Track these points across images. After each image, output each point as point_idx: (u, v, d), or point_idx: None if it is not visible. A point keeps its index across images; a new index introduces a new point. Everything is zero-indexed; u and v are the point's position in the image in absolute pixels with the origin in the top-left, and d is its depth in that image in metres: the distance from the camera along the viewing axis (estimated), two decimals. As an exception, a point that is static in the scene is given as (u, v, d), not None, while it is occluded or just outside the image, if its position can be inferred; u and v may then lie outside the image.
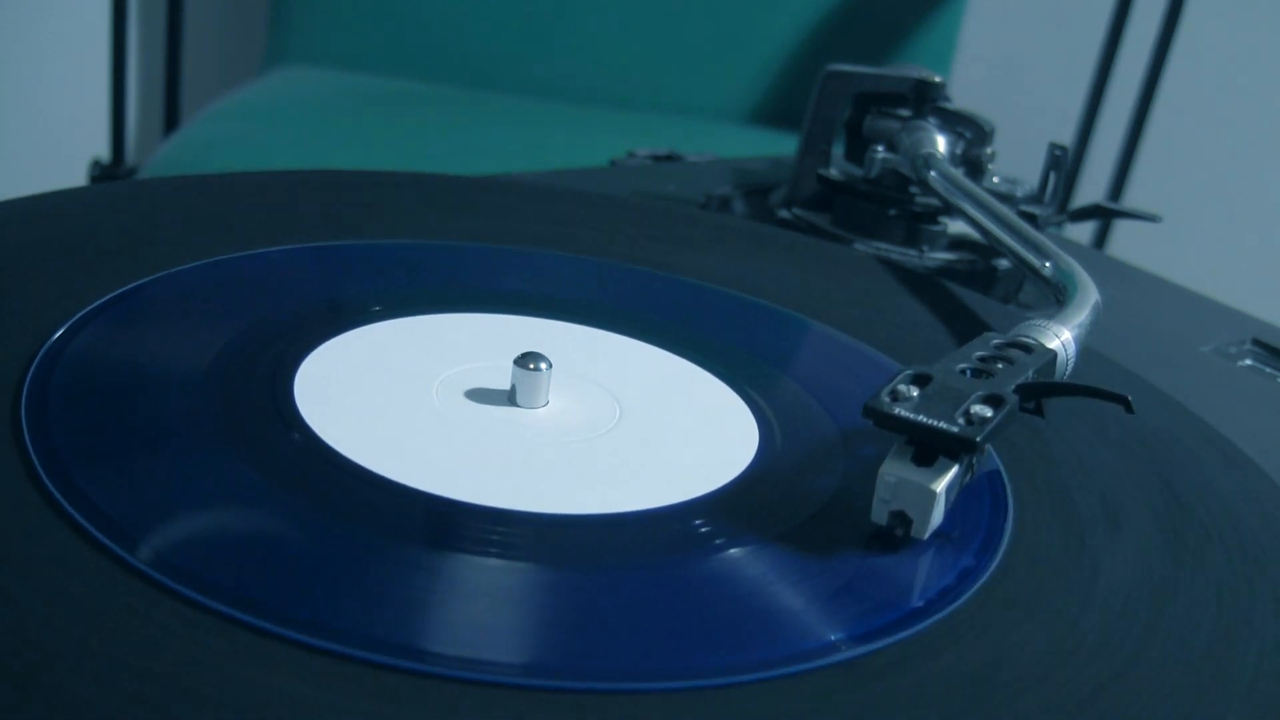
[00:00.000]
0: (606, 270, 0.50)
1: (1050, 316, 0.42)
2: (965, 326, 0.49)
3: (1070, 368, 0.41)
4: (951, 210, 0.56)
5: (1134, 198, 1.34)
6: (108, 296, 0.40)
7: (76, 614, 0.26)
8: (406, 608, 0.28)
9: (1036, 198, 0.62)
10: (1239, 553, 0.36)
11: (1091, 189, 1.37)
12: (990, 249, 0.59)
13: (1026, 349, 0.39)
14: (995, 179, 0.61)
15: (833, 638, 0.29)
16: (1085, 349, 0.43)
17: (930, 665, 0.29)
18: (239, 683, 0.25)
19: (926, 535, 0.33)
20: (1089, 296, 0.44)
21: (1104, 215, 0.71)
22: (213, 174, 0.54)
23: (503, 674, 0.27)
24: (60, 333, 0.37)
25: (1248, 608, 0.33)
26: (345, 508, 0.32)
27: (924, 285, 0.53)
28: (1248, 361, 0.57)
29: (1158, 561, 0.35)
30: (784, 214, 0.63)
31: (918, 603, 0.31)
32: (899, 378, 0.34)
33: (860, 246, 0.59)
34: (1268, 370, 0.56)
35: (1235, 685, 0.30)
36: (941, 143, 0.59)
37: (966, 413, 0.33)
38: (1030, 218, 0.59)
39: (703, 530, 0.33)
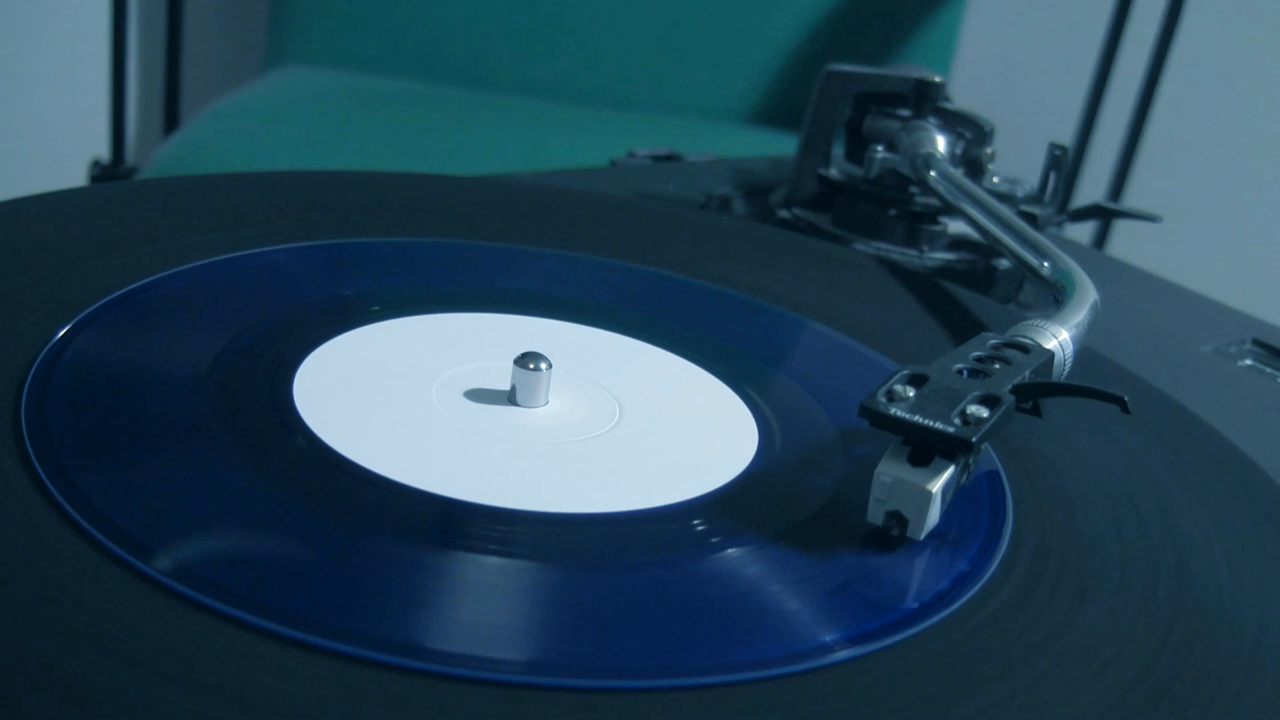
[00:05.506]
0: (606, 270, 0.50)
1: (1048, 317, 0.42)
2: (964, 326, 0.49)
3: (1068, 368, 0.41)
4: (951, 210, 0.56)
5: (1134, 198, 1.34)
6: (108, 297, 0.40)
7: (76, 613, 0.26)
8: (405, 606, 0.29)
9: (1036, 198, 0.62)
10: (1239, 554, 0.36)
11: (1091, 189, 1.37)
12: (990, 249, 0.59)
13: (1023, 349, 0.39)
14: (995, 179, 0.61)
15: (829, 638, 0.29)
16: (1084, 349, 0.43)
17: (927, 667, 0.29)
18: (240, 681, 0.25)
19: (922, 536, 0.33)
20: (1087, 297, 0.44)
21: (1104, 215, 0.71)
22: (213, 174, 0.54)
23: (501, 672, 0.27)
24: (61, 334, 0.37)
25: (1249, 608, 0.33)
26: (345, 507, 0.32)
27: (923, 285, 0.53)
28: (1248, 361, 0.57)
29: (1158, 563, 0.35)
30: (784, 214, 0.63)
31: (914, 604, 0.31)
32: (895, 378, 0.34)
33: (860, 246, 0.59)
34: (1268, 370, 0.56)
35: (1239, 684, 0.30)
36: (941, 143, 0.59)
37: (963, 413, 0.33)
38: (1030, 218, 0.59)
39: (701, 530, 0.33)
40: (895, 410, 0.33)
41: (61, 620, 0.26)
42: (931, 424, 0.32)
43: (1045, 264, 0.49)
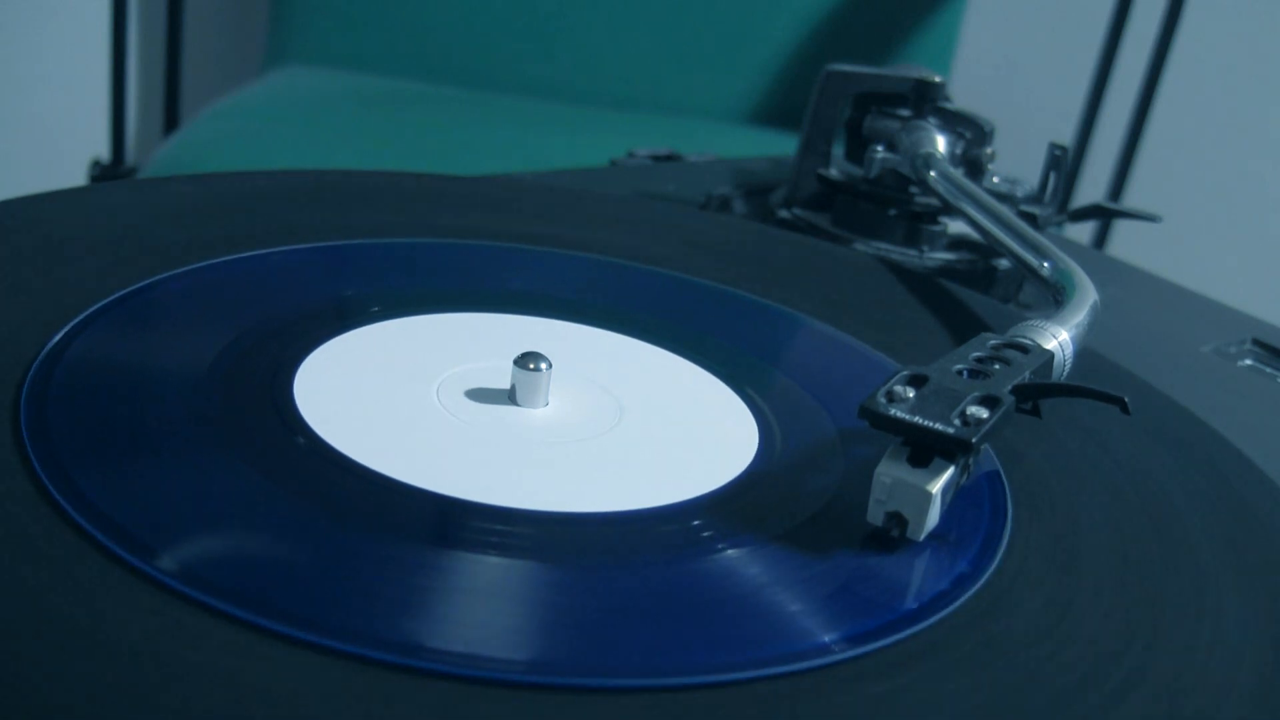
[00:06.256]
0: (606, 270, 0.50)
1: (1048, 317, 0.42)
2: (964, 327, 0.49)
3: (1068, 368, 0.41)
4: (951, 210, 0.56)
5: (1134, 198, 1.34)
6: (108, 298, 0.40)
7: (76, 613, 0.26)
8: (405, 605, 0.29)
9: (1036, 198, 0.62)
10: (1240, 554, 0.36)
11: (1091, 189, 1.37)
12: (990, 249, 0.59)
13: (1023, 350, 0.39)
14: (995, 179, 0.61)
15: (829, 639, 0.29)
16: (1084, 349, 0.43)
17: (927, 667, 0.29)
18: (239, 681, 0.25)
19: (922, 537, 0.33)
20: (1087, 297, 0.44)
21: (1104, 215, 0.71)
22: (213, 174, 0.54)
23: (501, 671, 0.27)
24: (61, 334, 0.37)
25: (1249, 609, 0.33)
26: (346, 506, 0.32)
27: (924, 285, 0.53)
28: (1248, 361, 0.57)
29: (1158, 563, 0.35)
30: (784, 214, 0.63)
31: (914, 605, 0.31)
32: (895, 378, 0.34)
33: (860, 246, 0.59)
34: (1268, 370, 0.56)
35: (1239, 685, 0.30)
36: (941, 143, 0.59)
37: (962, 414, 0.33)
38: (1030, 218, 0.59)
39: (701, 530, 0.33)
40: (895, 411, 0.33)
41: (61, 620, 0.26)
42: (931, 425, 0.32)
43: (1045, 264, 0.49)
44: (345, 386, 0.38)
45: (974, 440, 0.32)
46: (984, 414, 0.33)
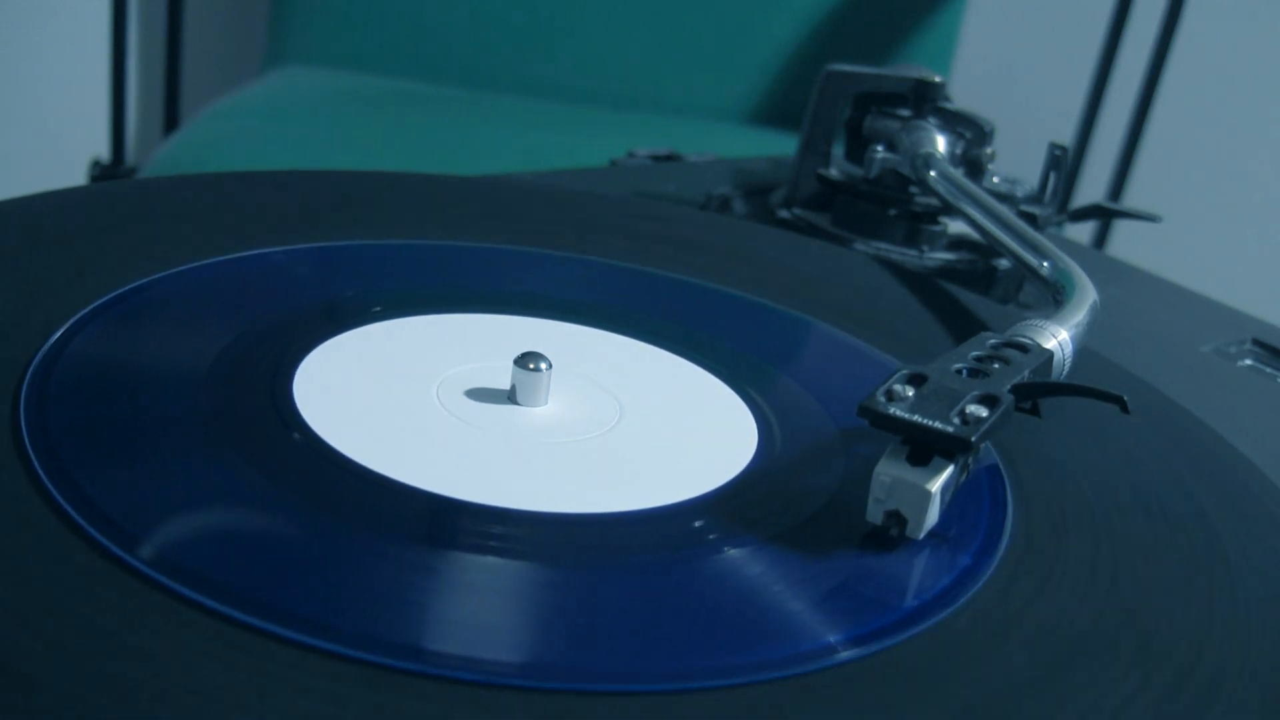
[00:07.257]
0: (606, 270, 0.50)
1: (1047, 316, 0.42)
2: (964, 327, 0.49)
3: (1067, 368, 0.41)
4: (951, 210, 0.56)
5: (1134, 198, 1.34)
6: (108, 297, 0.40)
7: (76, 613, 0.26)
8: (405, 607, 0.29)
9: (1036, 198, 0.62)
10: (1239, 554, 0.36)
11: (1091, 189, 1.37)
12: (990, 249, 0.59)
13: (1023, 349, 0.39)
14: (995, 179, 0.61)
15: (828, 639, 0.29)
16: (1084, 349, 0.43)
17: (926, 667, 0.29)
18: (239, 682, 0.25)
19: (921, 535, 0.33)
20: (1087, 297, 0.44)
21: (1104, 215, 0.71)
22: (213, 174, 0.54)
23: (500, 674, 0.27)
24: (60, 333, 0.37)
25: (1249, 608, 0.33)
26: (345, 507, 0.32)
27: (923, 285, 0.53)
28: (1248, 361, 0.57)
29: (1158, 563, 0.35)
30: (784, 214, 0.63)
31: (914, 604, 0.31)
32: (894, 377, 0.34)
33: (860, 246, 0.59)
34: (1268, 370, 0.56)
35: (1237, 686, 0.30)
36: (941, 143, 0.59)
37: (962, 412, 0.33)
38: (1030, 218, 0.59)
39: (701, 530, 0.33)
40: (894, 410, 0.33)
41: (59, 617, 0.26)
42: (930, 423, 0.33)
43: (1045, 264, 0.49)
44: (345, 386, 0.38)
45: (973, 439, 0.32)
46: (983, 413, 0.33)
